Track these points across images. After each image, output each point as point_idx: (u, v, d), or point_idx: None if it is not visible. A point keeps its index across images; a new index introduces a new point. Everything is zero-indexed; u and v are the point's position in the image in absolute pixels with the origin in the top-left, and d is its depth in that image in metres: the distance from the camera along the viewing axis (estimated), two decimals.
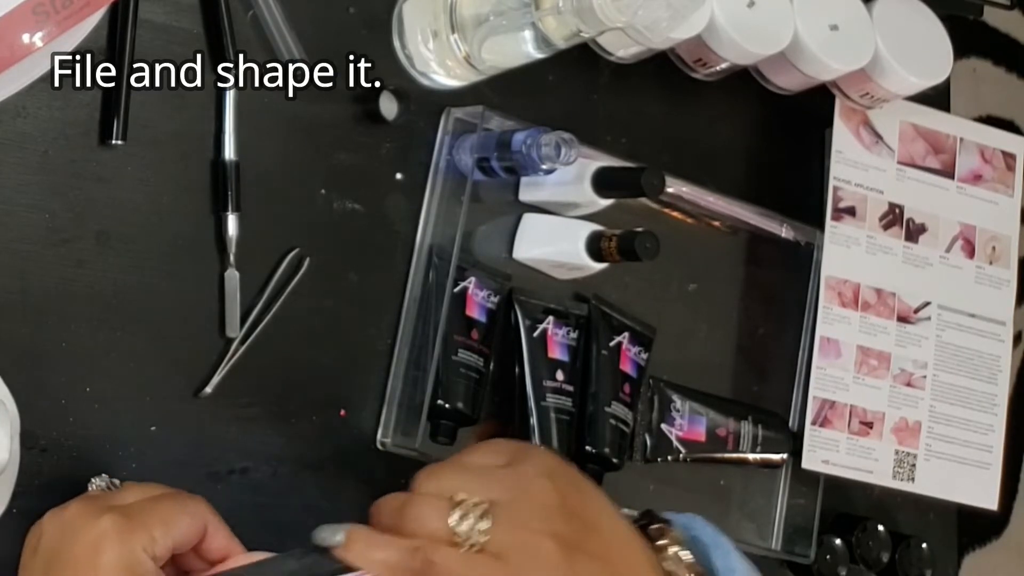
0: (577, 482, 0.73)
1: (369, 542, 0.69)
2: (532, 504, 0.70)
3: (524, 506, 0.70)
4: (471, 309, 0.89)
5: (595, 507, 0.73)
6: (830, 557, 1.04)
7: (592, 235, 0.91)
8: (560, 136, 0.86)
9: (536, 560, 0.68)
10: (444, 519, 0.68)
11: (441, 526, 0.68)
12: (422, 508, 0.70)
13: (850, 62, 1.00)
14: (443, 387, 0.87)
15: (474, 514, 0.68)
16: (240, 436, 0.84)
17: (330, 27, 0.88)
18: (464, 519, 0.68)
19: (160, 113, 0.81)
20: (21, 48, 0.71)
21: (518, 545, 0.68)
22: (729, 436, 1.00)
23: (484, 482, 0.70)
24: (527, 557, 0.68)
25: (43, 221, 0.78)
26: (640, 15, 0.80)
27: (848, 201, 1.05)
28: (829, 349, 1.03)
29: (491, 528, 0.68)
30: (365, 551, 0.69)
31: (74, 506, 0.70)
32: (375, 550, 0.69)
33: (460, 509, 0.68)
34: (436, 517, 0.69)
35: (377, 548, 0.69)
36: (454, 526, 0.68)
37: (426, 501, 0.70)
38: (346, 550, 0.69)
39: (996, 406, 1.09)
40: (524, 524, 0.69)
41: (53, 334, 0.78)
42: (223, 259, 0.83)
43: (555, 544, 0.69)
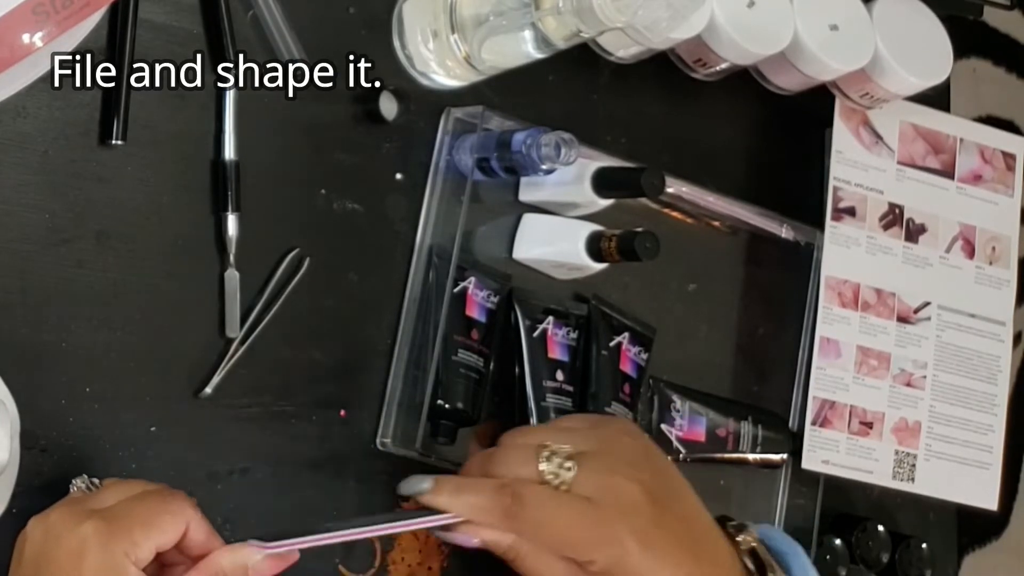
0: (657, 449, 0.77)
1: (457, 486, 0.72)
2: (618, 455, 0.73)
3: (610, 456, 0.73)
4: (471, 309, 0.89)
5: (676, 475, 0.76)
6: (830, 557, 1.04)
7: (592, 235, 0.91)
8: (560, 136, 0.86)
9: (623, 502, 0.71)
10: (532, 461, 0.71)
11: (531, 468, 0.71)
12: (510, 454, 0.73)
13: (850, 62, 1.00)
14: (443, 387, 0.87)
15: (561, 457, 0.71)
16: (240, 436, 0.84)
17: (330, 27, 0.88)
18: (551, 460, 0.71)
19: (160, 113, 0.81)
20: (21, 48, 0.72)
21: (605, 487, 0.71)
22: (729, 436, 1.00)
23: (570, 436, 0.74)
24: (614, 499, 0.71)
25: (43, 221, 0.78)
26: (640, 15, 0.80)
27: (848, 201, 1.05)
28: (829, 349, 1.03)
29: (578, 472, 0.71)
30: (454, 494, 0.71)
31: (56, 512, 0.70)
32: (463, 492, 0.71)
33: (547, 451, 0.71)
34: (524, 460, 0.72)
35: (465, 490, 0.71)
36: (543, 468, 0.71)
37: (513, 448, 0.74)
38: (435, 495, 0.70)
39: (996, 406, 1.09)
40: (611, 469, 0.72)
41: (53, 334, 0.78)
42: (223, 259, 0.83)
43: (642, 490, 0.72)
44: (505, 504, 0.70)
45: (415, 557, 0.88)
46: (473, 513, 0.71)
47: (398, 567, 0.88)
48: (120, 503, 0.70)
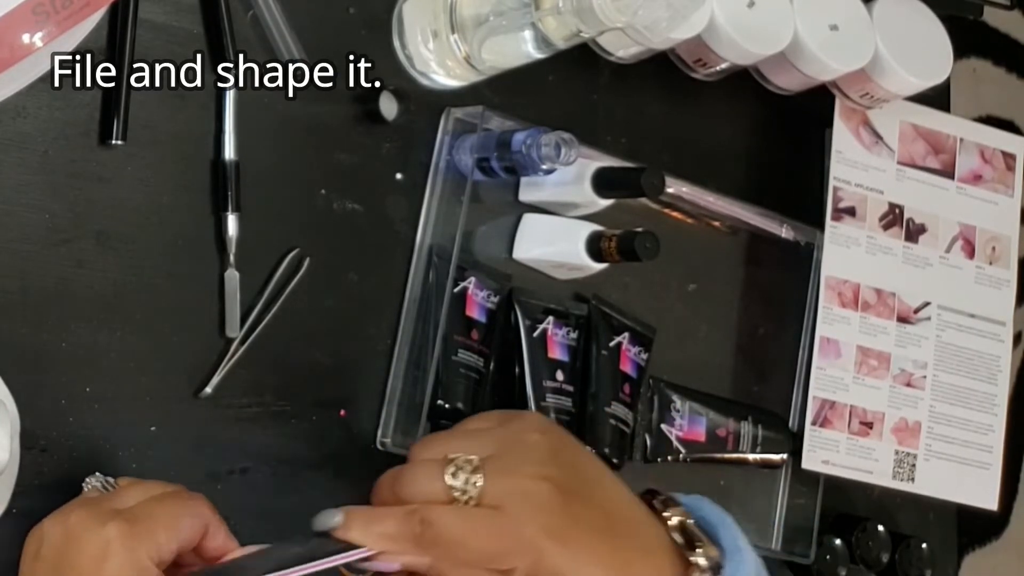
0: (569, 440, 0.74)
1: (366, 518, 0.70)
2: (524, 454, 0.71)
3: (516, 456, 0.70)
4: (471, 309, 0.89)
5: (590, 463, 0.74)
6: (830, 557, 1.04)
7: (592, 235, 0.91)
8: (560, 136, 0.86)
9: (532, 504, 0.69)
10: (439, 478, 0.69)
11: (437, 486, 0.69)
12: (416, 472, 0.71)
13: (850, 62, 1.00)
14: (443, 387, 0.87)
15: (466, 469, 0.69)
16: (240, 436, 0.84)
17: (330, 27, 0.88)
18: (457, 475, 0.69)
19: (160, 113, 0.81)
20: (21, 48, 0.71)
21: (513, 491, 0.69)
22: (729, 436, 1.00)
23: (475, 442, 0.71)
24: (523, 502, 0.69)
25: (43, 221, 0.78)
26: (640, 15, 0.80)
27: (848, 201, 1.05)
28: (829, 349, 1.03)
29: (484, 480, 0.69)
30: (364, 528, 0.70)
31: (76, 512, 0.69)
32: (372, 524, 0.70)
33: (452, 466, 0.69)
34: (430, 478, 0.70)
35: (374, 522, 0.70)
36: (449, 483, 0.69)
37: (419, 465, 0.71)
38: (346, 530, 0.69)
39: (996, 406, 1.09)
40: (516, 471, 0.70)
41: (53, 334, 0.78)
42: (223, 259, 0.83)
43: (550, 486, 0.69)
44: (415, 531, 0.68)
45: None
46: (385, 544, 0.69)
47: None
48: (142, 505, 0.70)
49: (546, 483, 0.69)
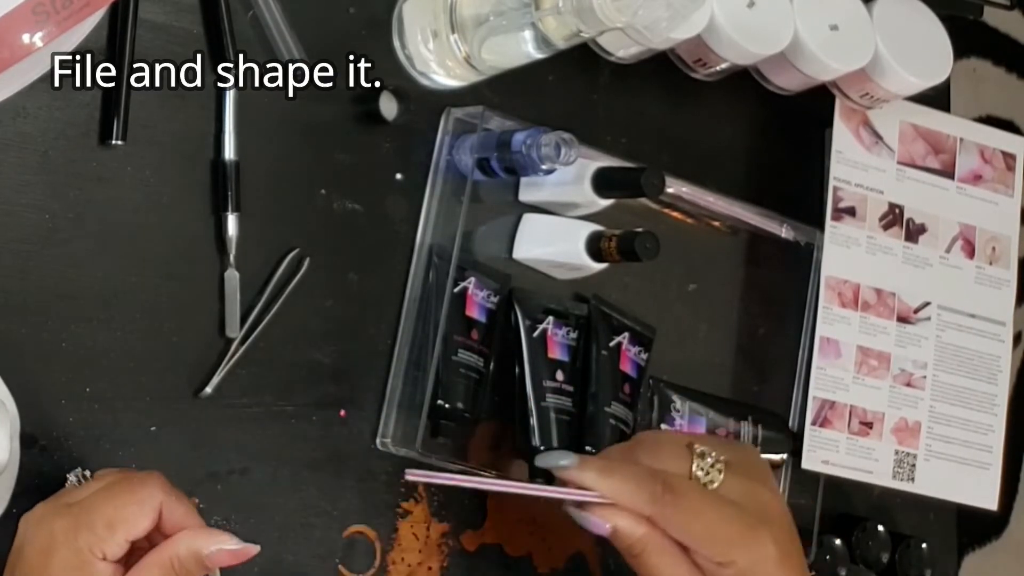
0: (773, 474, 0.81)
1: (603, 466, 0.74)
2: (759, 469, 0.77)
3: (751, 468, 0.76)
4: (471, 309, 0.89)
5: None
6: (830, 557, 1.04)
7: (592, 235, 0.91)
8: (560, 136, 0.86)
9: (767, 512, 0.75)
10: (686, 459, 0.74)
11: (682, 465, 0.74)
12: (662, 448, 0.76)
13: (850, 62, 1.00)
14: (443, 387, 0.87)
15: (711, 461, 0.75)
16: (240, 436, 0.84)
17: (330, 27, 0.88)
18: (704, 460, 0.75)
19: (160, 113, 0.81)
20: (21, 48, 0.71)
21: (752, 494, 0.75)
22: (729, 436, 1.00)
23: (714, 445, 0.77)
24: (760, 507, 0.74)
25: (43, 221, 0.78)
26: (640, 15, 0.80)
27: (848, 201, 1.05)
28: (829, 349, 1.03)
29: (726, 476, 0.74)
30: (600, 474, 0.72)
31: (38, 507, 0.71)
32: (611, 475, 0.72)
33: (700, 451, 0.75)
34: (677, 456, 0.75)
35: (611, 472, 0.73)
36: (695, 466, 0.74)
37: (666, 443, 0.76)
38: (580, 471, 0.71)
39: (996, 406, 1.09)
40: (756, 480, 0.76)
41: (53, 334, 0.78)
42: (223, 259, 0.83)
43: (781, 505, 0.76)
44: (656, 491, 0.71)
45: (415, 557, 0.88)
46: (620, 495, 0.71)
47: (398, 567, 0.88)
48: (89, 497, 0.70)
49: (778, 500, 0.76)
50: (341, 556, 0.86)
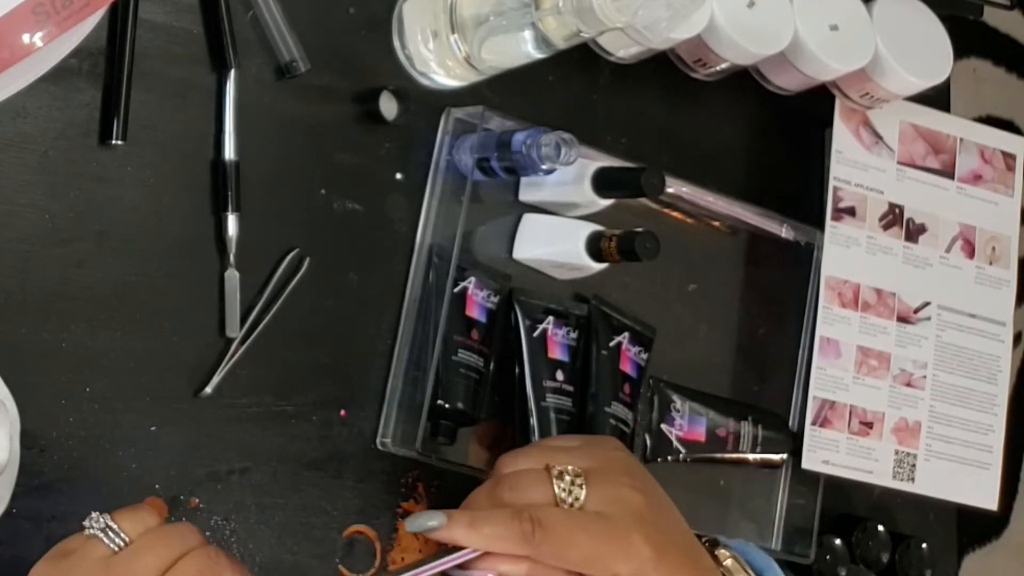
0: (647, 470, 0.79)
1: (472, 518, 0.73)
2: (618, 469, 0.75)
3: (611, 471, 0.75)
4: (471, 309, 0.89)
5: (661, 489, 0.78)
6: (830, 557, 1.04)
7: (592, 235, 0.91)
8: (560, 136, 0.86)
9: (633, 513, 0.73)
10: (546, 484, 0.73)
11: (544, 491, 0.73)
12: (521, 479, 0.74)
13: (850, 62, 1.00)
14: (443, 387, 0.87)
15: (571, 479, 0.73)
16: (240, 436, 0.84)
17: (330, 27, 0.88)
18: (563, 480, 0.73)
19: (160, 113, 0.81)
20: (21, 48, 0.71)
21: (615, 499, 0.73)
22: (729, 436, 1.00)
23: (569, 455, 0.75)
24: (625, 510, 0.73)
25: (43, 221, 0.78)
26: (640, 15, 0.80)
27: (848, 201, 1.05)
28: (829, 349, 1.03)
29: (587, 488, 0.73)
30: (470, 528, 0.71)
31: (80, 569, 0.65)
32: (480, 525, 0.72)
33: (558, 471, 0.74)
34: (537, 483, 0.73)
35: (481, 522, 0.72)
36: (555, 489, 0.73)
37: (524, 474, 0.75)
38: (451, 529, 0.70)
39: (996, 406, 1.09)
40: (616, 482, 0.74)
41: (53, 334, 0.78)
42: (223, 259, 0.83)
43: (644, 500, 0.74)
44: (525, 530, 0.71)
45: (415, 557, 0.88)
46: (492, 544, 0.71)
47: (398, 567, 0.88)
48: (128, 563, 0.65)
49: (641, 495, 0.74)
50: (341, 556, 0.86)
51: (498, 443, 0.92)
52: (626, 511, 0.73)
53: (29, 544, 0.73)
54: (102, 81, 0.80)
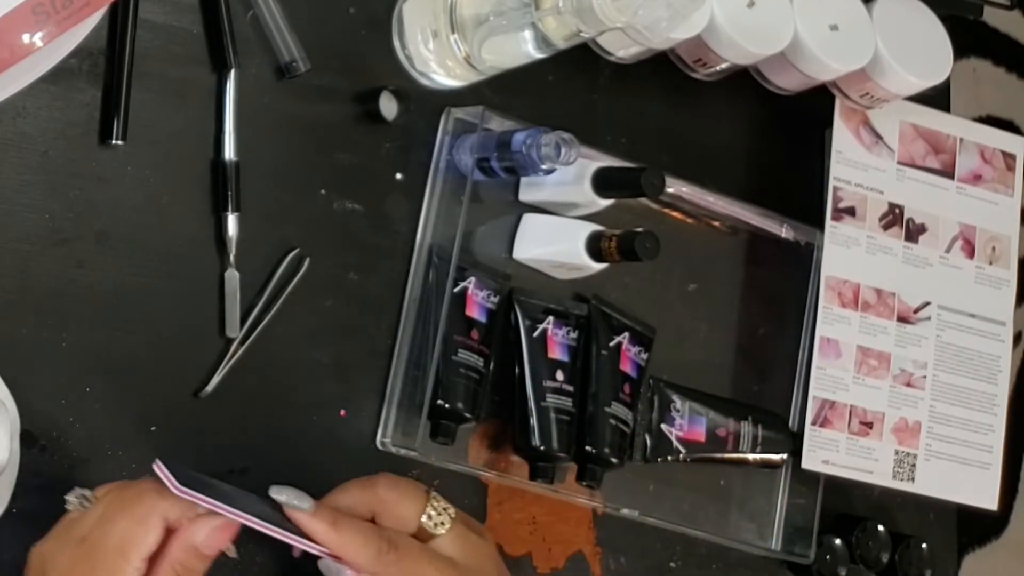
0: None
1: (336, 520, 0.73)
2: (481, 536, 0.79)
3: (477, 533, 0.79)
4: (471, 309, 0.89)
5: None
6: (830, 557, 1.04)
7: (592, 235, 0.91)
8: (560, 136, 0.86)
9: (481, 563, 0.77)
10: (420, 502, 0.77)
11: (416, 505, 0.76)
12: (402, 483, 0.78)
13: (850, 62, 1.00)
14: (443, 387, 0.87)
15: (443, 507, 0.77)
16: (240, 436, 0.84)
17: (330, 27, 0.88)
18: (435, 507, 0.77)
19: (160, 113, 0.81)
20: (21, 48, 0.72)
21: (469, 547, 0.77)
22: (729, 436, 1.00)
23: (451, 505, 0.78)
24: (475, 558, 0.77)
25: (43, 221, 0.78)
26: (640, 15, 0.80)
27: (848, 201, 1.05)
28: (829, 349, 1.03)
29: (452, 528, 0.77)
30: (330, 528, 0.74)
31: (49, 542, 0.70)
32: (342, 528, 0.73)
33: (435, 501, 0.77)
34: (415, 496, 0.77)
35: (344, 527, 0.73)
36: (427, 510, 0.76)
37: (407, 484, 0.78)
38: (312, 520, 0.72)
39: (996, 406, 1.09)
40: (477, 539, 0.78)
41: (53, 334, 0.78)
42: (223, 259, 0.83)
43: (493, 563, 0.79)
44: (381, 548, 0.73)
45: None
46: (345, 550, 0.73)
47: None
48: (96, 528, 0.69)
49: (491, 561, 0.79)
50: None
51: (498, 443, 0.92)
52: (477, 562, 0.77)
53: (29, 544, 0.73)
54: (102, 81, 0.80)
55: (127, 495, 0.71)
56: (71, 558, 0.69)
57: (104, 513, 0.70)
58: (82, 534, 0.69)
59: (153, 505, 0.70)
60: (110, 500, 0.71)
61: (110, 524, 0.69)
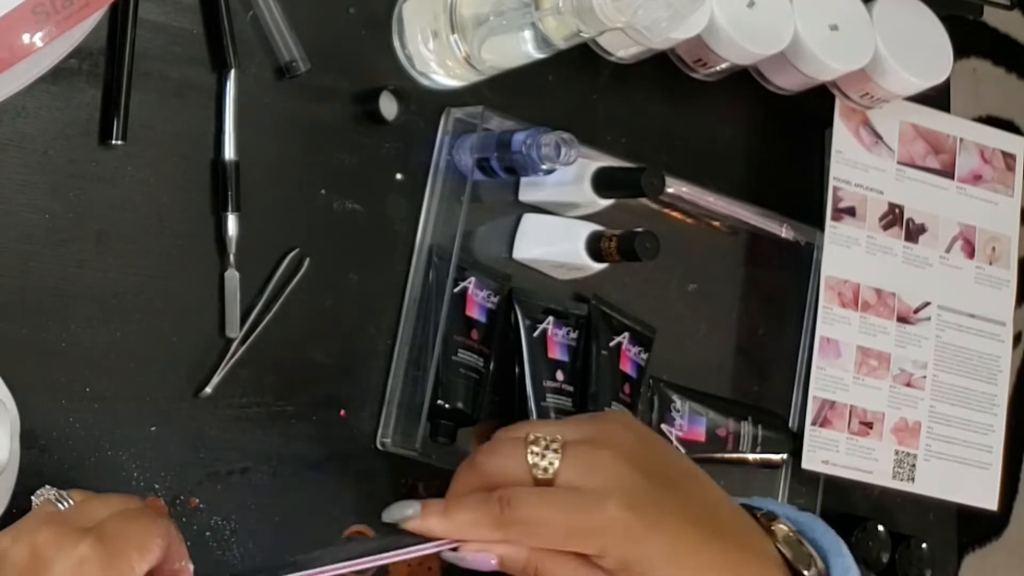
0: (657, 438, 0.73)
1: (443, 506, 0.69)
2: (605, 440, 0.70)
3: (596, 441, 0.70)
4: (471, 309, 0.89)
5: (683, 460, 0.73)
6: None
7: (592, 235, 0.91)
8: (560, 136, 0.86)
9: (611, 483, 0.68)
10: (520, 453, 0.69)
11: (517, 461, 0.69)
12: (497, 447, 0.71)
13: (850, 62, 1.00)
14: (443, 387, 0.87)
15: (546, 447, 0.69)
16: (240, 436, 0.84)
17: (330, 27, 0.88)
18: (536, 453, 0.69)
19: (160, 113, 0.81)
20: (21, 48, 0.71)
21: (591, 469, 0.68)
22: (729, 436, 1.00)
23: (560, 427, 0.71)
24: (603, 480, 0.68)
25: (43, 221, 0.78)
26: (640, 15, 0.80)
27: (848, 201, 1.05)
28: (829, 349, 1.03)
29: (562, 459, 0.68)
30: (442, 516, 0.69)
31: (43, 531, 0.65)
32: (453, 512, 0.69)
33: (533, 445, 0.69)
34: (511, 453, 0.69)
35: (454, 509, 0.69)
36: (529, 460, 0.68)
37: (501, 442, 0.72)
38: (424, 520, 0.68)
39: (996, 406, 1.09)
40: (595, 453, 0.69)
41: (53, 334, 0.78)
42: (223, 259, 0.83)
43: (631, 468, 0.68)
44: (495, 513, 0.68)
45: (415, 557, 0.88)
46: (467, 532, 0.68)
47: (398, 567, 0.88)
48: (111, 522, 0.66)
49: (627, 464, 0.68)
50: None
51: None
52: (603, 480, 0.68)
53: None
54: (102, 81, 0.80)
55: (139, 504, 0.69)
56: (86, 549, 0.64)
57: (121, 513, 0.67)
58: (88, 525, 0.66)
59: (168, 528, 0.68)
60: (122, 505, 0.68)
61: (132, 524, 0.66)
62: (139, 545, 0.66)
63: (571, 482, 0.68)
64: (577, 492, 0.68)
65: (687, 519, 0.68)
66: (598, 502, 0.67)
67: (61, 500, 0.69)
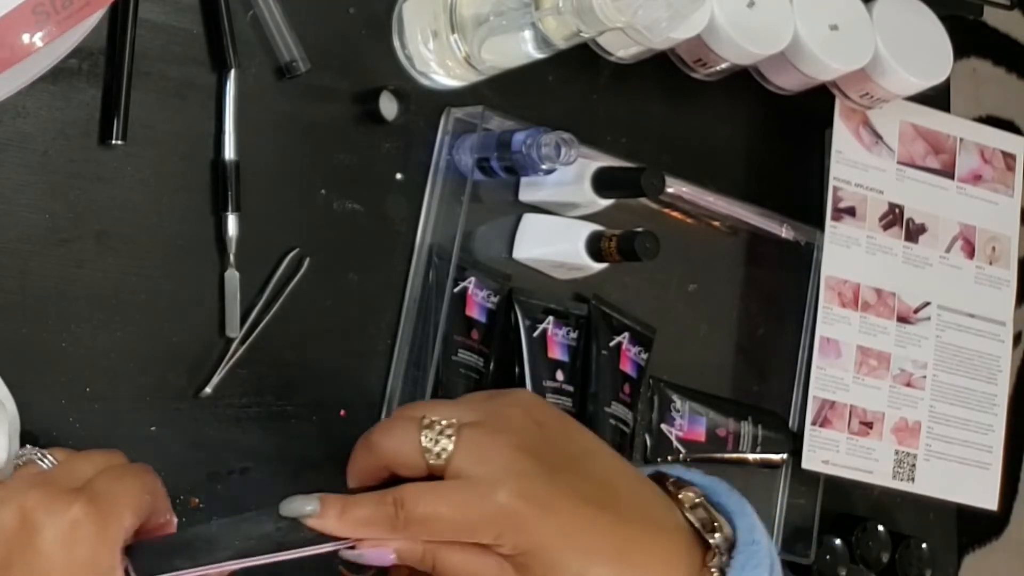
0: (558, 416, 0.71)
1: (342, 505, 0.67)
2: (501, 424, 0.69)
3: (492, 426, 0.68)
4: (471, 309, 0.89)
5: (583, 437, 0.71)
6: (830, 557, 1.04)
7: (592, 235, 0.91)
8: (560, 136, 0.86)
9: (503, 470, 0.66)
10: (413, 435, 0.67)
11: (410, 443, 0.67)
12: (392, 426, 0.69)
13: (850, 62, 1.00)
14: (443, 387, 0.87)
15: (440, 428, 0.68)
16: (240, 436, 0.84)
17: (330, 27, 0.88)
18: (430, 435, 0.67)
19: (160, 113, 0.81)
20: (21, 48, 0.71)
21: (483, 458, 0.67)
22: (729, 436, 1.00)
23: (457, 408, 0.70)
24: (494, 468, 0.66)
25: (43, 221, 0.78)
26: (640, 15, 0.80)
27: (848, 201, 1.05)
28: (829, 349, 1.03)
29: (455, 444, 0.67)
30: (340, 515, 0.67)
31: (31, 493, 0.64)
32: (349, 511, 0.67)
33: (428, 421, 0.68)
34: (404, 434, 0.68)
35: (349, 508, 0.67)
36: (423, 443, 0.67)
37: (396, 421, 0.70)
38: (322, 519, 0.67)
39: (996, 406, 1.09)
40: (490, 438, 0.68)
41: (53, 334, 0.78)
42: (223, 259, 0.83)
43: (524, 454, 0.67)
44: (390, 513, 0.66)
45: None
46: (363, 530, 0.67)
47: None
48: (100, 481, 0.65)
49: (520, 451, 0.67)
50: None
51: None
52: (494, 468, 0.66)
53: None
54: (102, 81, 0.80)
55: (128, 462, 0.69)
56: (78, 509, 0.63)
57: (110, 470, 0.66)
58: (76, 485, 0.65)
59: (157, 484, 0.68)
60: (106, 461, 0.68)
61: (121, 482, 0.65)
62: (129, 503, 0.65)
63: (463, 470, 0.67)
64: (467, 483, 0.66)
65: (582, 499, 0.67)
66: (489, 492, 0.66)
67: (44, 459, 0.68)
